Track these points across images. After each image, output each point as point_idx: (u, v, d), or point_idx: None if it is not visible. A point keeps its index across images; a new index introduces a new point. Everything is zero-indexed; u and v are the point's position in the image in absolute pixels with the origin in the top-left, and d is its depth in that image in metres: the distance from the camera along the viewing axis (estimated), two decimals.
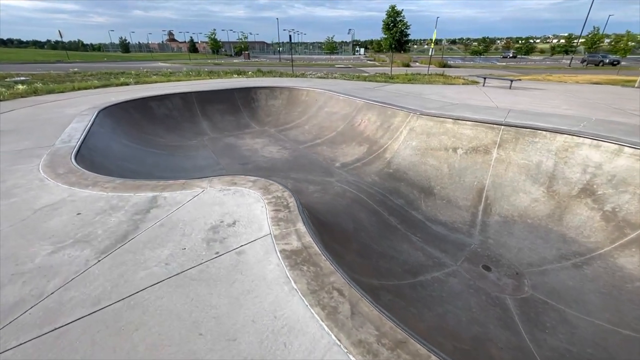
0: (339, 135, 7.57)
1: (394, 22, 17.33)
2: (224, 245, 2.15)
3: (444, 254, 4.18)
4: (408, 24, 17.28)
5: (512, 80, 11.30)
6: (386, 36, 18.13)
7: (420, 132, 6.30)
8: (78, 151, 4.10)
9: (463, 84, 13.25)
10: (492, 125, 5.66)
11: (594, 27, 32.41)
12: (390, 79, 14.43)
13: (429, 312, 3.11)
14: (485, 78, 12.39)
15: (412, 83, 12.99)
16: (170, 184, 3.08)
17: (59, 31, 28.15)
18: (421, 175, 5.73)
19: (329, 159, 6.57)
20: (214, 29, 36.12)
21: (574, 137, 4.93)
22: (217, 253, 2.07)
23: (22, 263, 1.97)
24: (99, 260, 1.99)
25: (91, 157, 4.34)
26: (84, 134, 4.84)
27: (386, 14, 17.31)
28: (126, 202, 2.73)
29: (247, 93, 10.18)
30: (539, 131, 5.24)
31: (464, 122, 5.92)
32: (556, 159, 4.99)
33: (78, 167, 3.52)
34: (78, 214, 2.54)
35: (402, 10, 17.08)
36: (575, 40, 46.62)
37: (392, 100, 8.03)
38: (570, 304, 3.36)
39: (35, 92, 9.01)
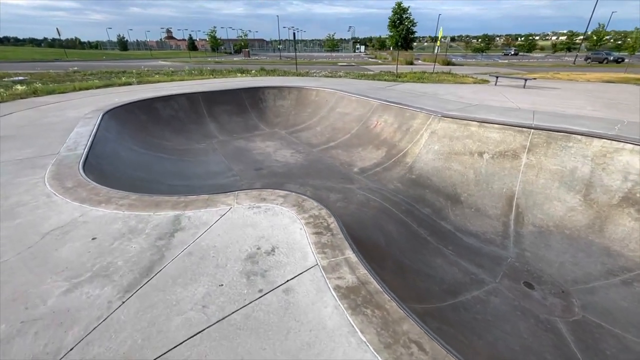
0: (354, 138, 7.26)
1: (400, 20, 16.95)
2: (267, 281, 1.85)
3: (481, 269, 3.89)
4: (415, 21, 16.88)
5: (526, 79, 10.98)
6: (392, 34, 17.71)
7: (442, 135, 5.99)
8: (86, 160, 3.78)
9: (474, 82, 12.94)
10: (520, 128, 5.36)
11: (599, 24, 32.09)
12: (398, 77, 14.10)
13: (479, 339, 2.83)
14: (497, 77, 12.06)
15: (422, 82, 12.66)
16: (193, 200, 2.77)
17: (57, 29, 27.63)
18: (446, 182, 5.44)
19: (346, 163, 6.26)
20: (214, 27, 35.58)
21: (613, 141, 4.63)
22: (260, 291, 1.77)
23: (33, 306, 1.66)
24: (124, 302, 1.69)
25: (100, 166, 4.02)
26: (90, 139, 4.51)
27: (392, 11, 16.92)
28: (146, 223, 2.42)
29: (255, 93, 9.85)
30: (573, 135, 4.95)
31: (490, 124, 5.62)
32: (593, 165, 4.70)
33: (87, 179, 3.21)
34: (93, 238, 2.24)
35: (409, 7, 16.68)
36: (578, 38, 46.34)
37: (407, 101, 7.72)
38: (627, 328, 3.08)
39: (35, 93, 8.65)
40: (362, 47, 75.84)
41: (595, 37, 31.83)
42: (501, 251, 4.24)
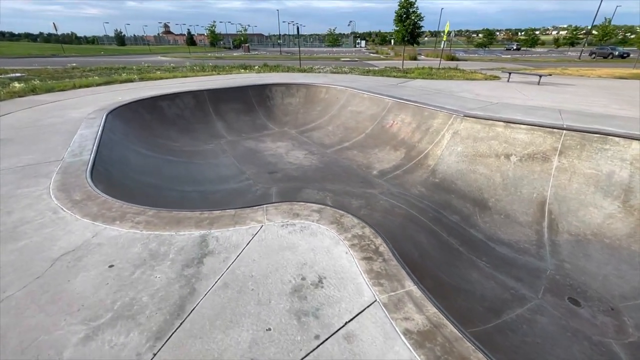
0: (369, 138, 6.95)
1: (407, 14, 16.53)
2: (321, 323, 1.56)
3: (520, 283, 3.62)
4: (422, 15, 16.46)
5: (540, 76, 10.66)
6: (398, 28, 17.26)
7: (465, 136, 5.70)
8: (93, 167, 3.47)
9: (485, 79, 12.61)
10: (551, 129, 5.06)
11: (605, 19, 31.62)
12: (406, 73, 13.73)
13: None
14: (510, 73, 11.73)
15: (432, 79, 12.31)
16: (218, 217, 2.47)
17: (54, 23, 27.00)
18: (472, 186, 5.15)
19: (364, 165, 5.96)
20: (214, 21, 34.93)
21: None
22: (317, 337, 1.48)
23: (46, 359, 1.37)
24: (155, 354, 1.40)
25: (108, 173, 3.71)
26: (95, 143, 4.20)
27: (399, 5, 16.46)
28: (169, 246, 2.13)
29: (262, 90, 9.50)
30: (610, 137, 4.66)
31: (518, 125, 5.32)
32: (632, 169, 4.42)
33: (97, 190, 2.90)
34: (110, 266, 1.94)
35: (416, 0, 16.25)
36: (582, 32, 45.80)
37: (422, 99, 7.40)
38: None
39: (33, 91, 8.29)
40: (363, 42, 75.00)
41: (601, 32, 31.37)
42: (538, 262, 3.97)
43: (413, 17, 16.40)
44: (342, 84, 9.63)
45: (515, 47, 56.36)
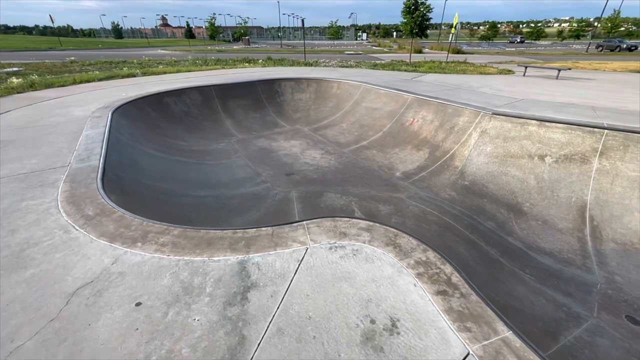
0: (388, 137, 6.60)
1: (416, 5, 16.00)
2: None
3: (570, 299, 3.33)
4: (431, 7, 15.95)
5: (559, 70, 10.25)
6: (406, 20, 16.74)
7: (494, 135, 5.35)
8: (103, 174, 3.13)
9: (498, 73, 12.19)
10: (591, 128, 4.72)
11: (615, 10, 30.91)
12: (416, 67, 13.30)
13: None
14: (526, 67, 11.32)
15: (444, 72, 11.90)
16: (254, 237, 2.15)
17: (50, 16, 26.29)
18: (504, 189, 4.83)
19: (385, 167, 5.63)
20: (214, 13, 34.13)
21: None
22: None
23: None
24: None
25: (119, 180, 3.38)
26: (104, 146, 3.85)
27: None
28: (203, 275, 1.81)
29: (271, 86, 9.10)
30: None
31: (553, 124, 4.98)
32: None
33: (111, 203, 2.57)
34: (137, 304, 1.62)
35: None
36: (586, 24, 45.02)
37: (443, 95, 7.04)
38: None
39: (32, 87, 7.89)
40: (364, 35, 73.94)
41: (610, 24, 30.71)
42: (586, 275, 3.67)
43: (422, 9, 15.88)
44: (354, 79, 9.23)
45: (519, 40, 55.54)
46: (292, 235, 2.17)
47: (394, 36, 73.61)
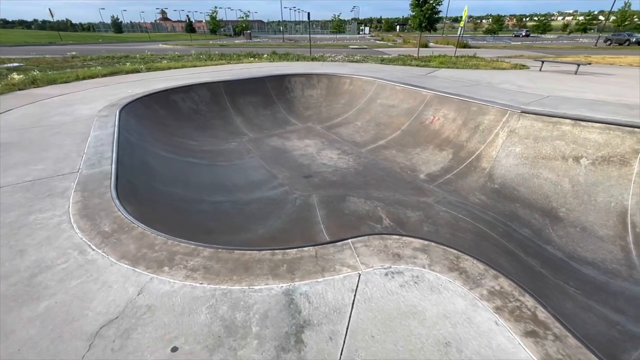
0: (407, 136, 6.31)
1: None
2: None
3: (623, 316, 3.07)
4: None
5: (578, 65, 9.89)
6: (414, 13, 16.29)
7: (524, 135, 5.06)
8: (117, 181, 2.86)
9: (512, 68, 11.81)
10: (631, 128, 4.42)
11: (625, 3, 30.22)
12: (428, 62, 12.92)
13: None
14: (543, 62, 10.95)
15: (457, 67, 11.53)
16: (295, 259, 1.89)
17: (50, 10, 25.79)
18: (537, 193, 4.56)
19: (408, 168, 5.35)
20: (216, 7, 33.55)
21: None
22: None
23: None
24: None
25: (132, 187, 3.11)
26: (114, 149, 3.58)
27: None
28: (246, 310, 1.55)
29: (280, 82, 8.78)
30: None
31: (589, 123, 4.68)
32: None
33: (129, 217, 2.31)
34: (173, 349, 1.37)
35: None
36: (589, 17, 44.16)
37: (462, 91, 6.72)
38: None
39: (34, 83, 7.59)
40: (367, 29, 72.96)
41: (620, 17, 30.05)
42: (635, 288, 3.41)
43: (432, 1, 15.42)
44: (366, 74, 8.90)
45: (524, 34, 54.66)
46: (339, 257, 1.91)
47: (397, 30, 72.66)
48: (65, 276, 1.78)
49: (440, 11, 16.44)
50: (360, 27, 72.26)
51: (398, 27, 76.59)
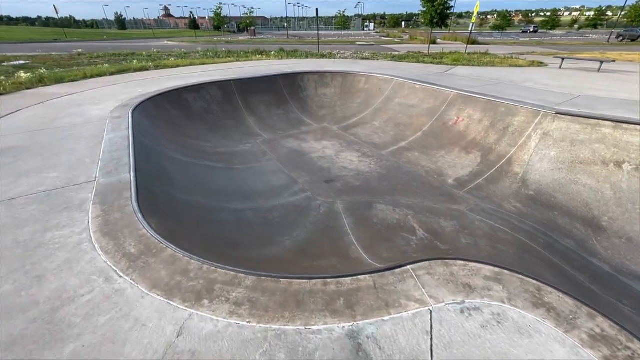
0: (430, 137, 6.03)
1: None
2: None
3: None
4: None
5: (602, 62, 9.51)
6: (426, 9, 15.89)
7: (559, 138, 4.77)
8: (138, 192, 2.63)
9: (530, 65, 11.44)
10: None
11: None
12: (441, 59, 12.56)
13: None
14: (563, 59, 10.57)
15: (472, 65, 11.19)
16: (352, 290, 1.65)
17: (54, 6, 25.60)
18: (575, 200, 4.27)
19: (434, 172, 5.08)
20: (220, 3, 33.20)
21: None
22: None
23: None
24: None
25: (153, 197, 2.88)
26: (131, 155, 3.35)
27: None
28: (307, 357, 1.31)
29: (293, 80, 8.50)
30: None
31: (632, 126, 4.38)
32: None
33: (155, 234, 2.08)
34: None
35: None
36: (603, 13, 43.23)
37: (485, 90, 6.42)
38: None
39: (42, 82, 7.39)
40: (372, 25, 72.19)
41: (633, 12, 29.31)
42: None
43: None
44: (381, 72, 8.60)
45: (532, 30, 53.72)
46: (401, 288, 1.66)
47: (403, 26, 71.81)
48: (92, 311, 1.55)
49: (453, 6, 16.02)
50: (365, 24, 71.47)
51: (404, 23, 75.71)
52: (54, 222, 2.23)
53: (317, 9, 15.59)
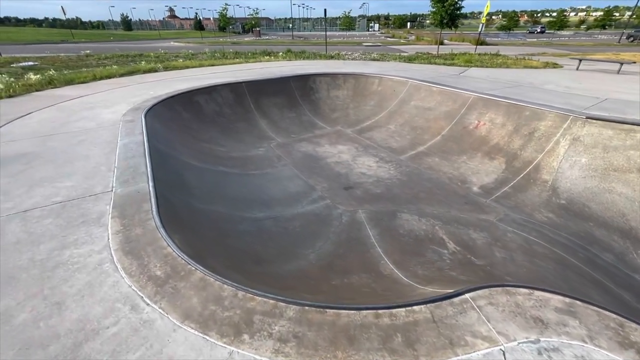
0: (449, 142, 5.82)
1: None
2: None
3: None
4: None
5: (621, 63, 9.24)
6: (435, 9, 15.66)
7: (591, 144, 4.54)
8: (158, 204, 2.47)
9: (545, 67, 11.17)
10: None
11: None
12: (453, 60, 12.33)
13: None
14: (580, 60, 10.30)
15: (485, 66, 10.95)
16: (408, 324, 1.46)
17: (62, 7, 25.71)
18: (611, 210, 4.05)
19: (457, 179, 4.88)
20: (226, 4, 33.19)
21: None
22: None
23: None
24: None
25: (174, 209, 2.72)
26: (148, 161, 3.19)
27: None
28: None
29: (304, 82, 8.34)
30: None
31: None
32: None
33: (182, 254, 1.91)
34: None
35: None
36: (610, 13, 42.61)
37: (506, 93, 6.21)
38: None
39: (51, 83, 7.29)
40: (376, 26, 71.95)
41: None
42: None
43: None
44: (394, 74, 8.40)
45: (539, 30, 53.13)
46: (463, 322, 1.47)
47: (408, 27, 71.47)
48: (119, 347, 1.38)
49: (463, 7, 15.78)
50: (370, 24, 71.23)
51: (409, 24, 75.36)
52: (72, 238, 2.07)
53: (325, 10, 15.42)
